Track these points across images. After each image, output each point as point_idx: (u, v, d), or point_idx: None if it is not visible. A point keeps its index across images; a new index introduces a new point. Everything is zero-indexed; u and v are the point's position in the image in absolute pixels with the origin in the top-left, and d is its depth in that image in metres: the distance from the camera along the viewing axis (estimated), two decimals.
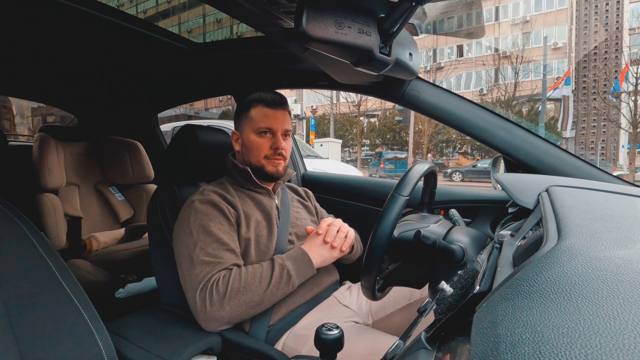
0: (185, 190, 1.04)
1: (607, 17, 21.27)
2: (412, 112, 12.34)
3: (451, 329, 0.39)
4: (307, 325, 0.89)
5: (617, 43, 20.35)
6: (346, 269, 1.17)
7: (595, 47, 20.98)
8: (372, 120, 23.18)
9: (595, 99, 19.93)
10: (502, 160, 1.14)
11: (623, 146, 18.86)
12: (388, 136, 21.43)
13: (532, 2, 21.76)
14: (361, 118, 21.89)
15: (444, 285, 0.49)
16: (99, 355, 0.62)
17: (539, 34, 20.45)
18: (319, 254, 0.91)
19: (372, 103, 20.74)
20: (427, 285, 0.85)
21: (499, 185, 0.86)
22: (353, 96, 19.81)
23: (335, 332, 0.56)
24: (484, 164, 15.99)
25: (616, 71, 18.19)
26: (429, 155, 20.75)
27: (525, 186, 0.76)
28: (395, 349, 0.46)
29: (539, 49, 19.38)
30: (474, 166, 16.23)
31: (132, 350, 0.76)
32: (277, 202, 1.03)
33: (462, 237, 0.81)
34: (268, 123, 0.96)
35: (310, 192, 1.22)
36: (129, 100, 1.96)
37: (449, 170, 16.60)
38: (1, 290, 0.58)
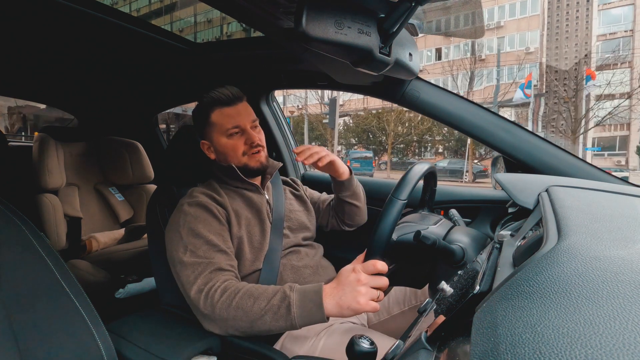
0: (184, 191, 1.04)
1: (577, 23, 22.52)
2: (337, 114, 11.99)
3: (451, 329, 0.39)
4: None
5: (586, 48, 21.46)
6: None
7: (566, 51, 22.14)
8: (347, 119, 23.94)
9: (558, 102, 20.39)
10: (502, 160, 1.14)
11: (587, 148, 19.31)
12: (364, 136, 22.23)
13: (507, 8, 22.34)
14: (341, 119, 22.75)
15: (444, 285, 0.49)
16: (98, 356, 0.62)
17: (512, 38, 21.54)
18: (338, 298, 0.69)
19: (346, 104, 21.33)
20: (427, 285, 0.85)
21: (499, 185, 0.86)
22: (325, 97, 20.34)
23: (371, 346, 0.52)
24: (442, 163, 17.67)
25: (580, 76, 18.72)
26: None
27: (525, 186, 0.76)
28: (395, 349, 0.46)
29: (512, 54, 20.44)
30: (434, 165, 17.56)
31: (132, 351, 0.76)
32: (267, 197, 1.02)
33: (462, 237, 0.81)
34: (233, 122, 0.93)
35: (298, 180, 1.21)
36: (128, 100, 1.96)
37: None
38: (1, 291, 0.58)
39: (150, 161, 2.00)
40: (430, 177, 0.98)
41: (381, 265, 0.69)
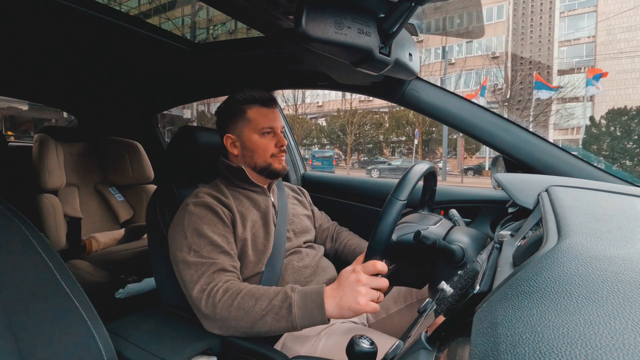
0: (184, 191, 1.04)
1: (540, 29, 24.26)
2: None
3: (451, 329, 0.39)
4: None
5: (548, 53, 23.25)
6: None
7: (530, 56, 23.86)
8: (320, 121, 25.36)
9: (520, 108, 21.14)
10: (502, 160, 1.14)
11: None
12: (333, 136, 23.60)
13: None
14: (319, 120, 24.66)
15: (444, 285, 0.49)
16: (98, 356, 0.62)
17: (480, 43, 22.61)
18: (338, 299, 0.70)
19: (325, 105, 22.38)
20: (427, 285, 0.85)
21: (499, 185, 0.86)
22: (292, 100, 21.43)
23: (371, 346, 0.52)
24: (397, 162, 19.58)
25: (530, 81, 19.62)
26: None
27: (525, 186, 0.76)
28: (395, 349, 0.46)
29: (480, 58, 21.63)
30: (389, 164, 19.53)
31: (132, 351, 0.76)
32: (272, 199, 1.03)
33: (462, 237, 0.81)
34: (269, 123, 0.97)
35: (305, 191, 1.22)
36: (128, 100, 1.96)
37: (369, 167, 19.83)
38: (1, 291, 0.58)
39: (150, 161, 2.00)
40: (430, 177, 0.98)
41: (381, 266, 0.70)
